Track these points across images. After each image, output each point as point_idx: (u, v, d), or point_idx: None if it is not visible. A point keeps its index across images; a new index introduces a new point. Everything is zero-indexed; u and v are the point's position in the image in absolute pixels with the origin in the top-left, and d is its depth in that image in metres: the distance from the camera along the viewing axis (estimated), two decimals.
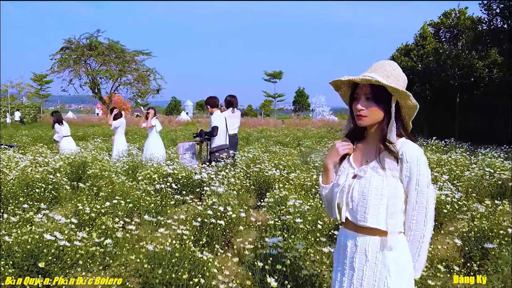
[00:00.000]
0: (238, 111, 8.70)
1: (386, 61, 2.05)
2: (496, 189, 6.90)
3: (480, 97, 21.65)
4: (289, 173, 7.27)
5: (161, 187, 6.30)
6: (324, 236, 4.18)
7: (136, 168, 8.10)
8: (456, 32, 22.66)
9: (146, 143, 10.75)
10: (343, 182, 2.04)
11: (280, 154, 10.63)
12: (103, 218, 4.48)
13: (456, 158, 8.89)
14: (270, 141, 17.75)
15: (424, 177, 1.91)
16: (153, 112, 10.64)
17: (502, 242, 3.50)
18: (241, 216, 4.59)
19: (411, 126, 2.08)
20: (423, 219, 1.92)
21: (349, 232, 2.04)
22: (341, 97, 2.20)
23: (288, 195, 5.15)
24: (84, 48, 32.99)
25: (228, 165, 7.73)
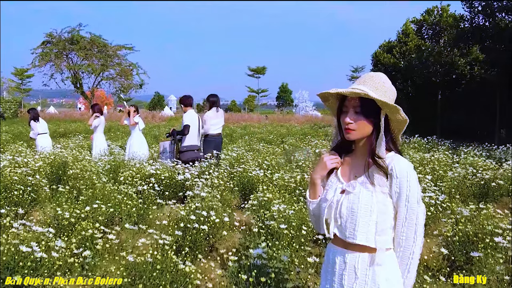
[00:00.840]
0: (222, 111, 8.63)
1: (375, 73, 2.00)
2: (479, 189, 6.95)
3: (462, 94, 21.87)
4: (273, 173, 7.23)
5: (144, 188, 6.20)
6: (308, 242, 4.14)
7: (118, 168, 7.97)
8: (438, 29, 22.83)
9: (129, 142, 10.58)
10: (331, 197, 1.98)
11: (264, 153, 10.59)
12: (83, 223, 4.37)
13: (438, 157, 8.93)
14: (253, 138, 17.70)
15: (414, 193, 1.86)
16: (134, 109, 10.44)
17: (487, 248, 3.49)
18: (224, 220, 4.52)
19: (401, 140, 2.03)
20: (412, 235, 1.88)
21: (337, 248, 1.99)
22: (328, 108, 2.15)
23: (272, 198, 5.09)
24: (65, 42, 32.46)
25: (212, 165, 7.67)
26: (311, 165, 8.40)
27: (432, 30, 23.47)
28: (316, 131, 22.93)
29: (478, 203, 6.58)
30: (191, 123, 8.27)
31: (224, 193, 6.24)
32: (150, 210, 5.36)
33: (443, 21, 22.28)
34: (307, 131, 22.50)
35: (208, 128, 8.29)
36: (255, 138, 17.65)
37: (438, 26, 22.69)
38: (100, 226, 4.40)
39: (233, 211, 5.95)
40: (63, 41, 32.44)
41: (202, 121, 8.41)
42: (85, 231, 4.23)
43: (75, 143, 13.43)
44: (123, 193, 5.41)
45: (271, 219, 4.14)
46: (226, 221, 4.55)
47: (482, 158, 9.27)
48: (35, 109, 11.60)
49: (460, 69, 21.21)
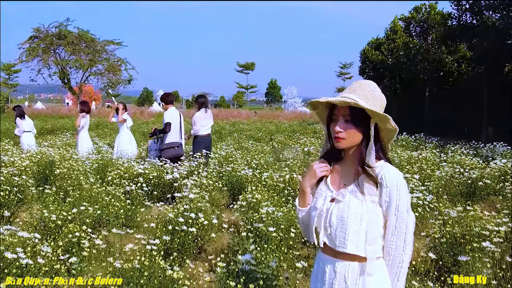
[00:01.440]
0: (210, 111, 8.67)
1: (364, 81, 2.00)
2: (466, 189, 7.01)
3: (449, 91, 22.03)
4: (262, 172, 7.22)
5: (132, 189, 6.16)
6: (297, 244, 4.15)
7: (106, 167, 7.91)
8: (426, 27, 22.94)
9: (117, 139, 10.50)
10: (321, 206, 1.98)
11: (252, 152, 10.57)
12: (70, 226, 4.33)
13: (426, 156, 8.98)
14: (242, 135, 17.69)
15: (404, 202, 1.87)
16: (122, 106, 10.35)
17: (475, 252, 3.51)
18: (213, 222, 4.50)
19: (390, 149, 2.04)
20: (402, 244, 1.88)
21: (327, 257, 1.99)
22: (317, 116, 2.14)
23: (261, 200, 5.08)
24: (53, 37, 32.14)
25: (200, 165, 7.65)
26: (300, 164, 8.41)
27: (420, 27, 23.58)
28: (305, 128, 22.97)
29: (466, 202, 6.65)
30: (172, 121, 8.32)
31: (213, 193, 6.22)
32: (138, 212, 5.32)
33: (431, 18, 22.39)
34: (296, 128, 22.53)
35: (198, 129, 8.32)
36: (244, 135, 17.63)
37: (426, 23, 22.81)
38: (87, 228, 4.36)
39: (222, 211, 5.95)
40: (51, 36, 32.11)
41: (192, 122, 8.44)
42: (72, 234, 4.19)
43: (63, 141, 13.27)
44: (110, 195, 5.36)
45: (259, 222, 4.13)
46: (215, 223, 4.53)
47: (469, 157, 9.34)
48: (21, 106, 11.49)
49: (447, 66, 21.37)
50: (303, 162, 8.65)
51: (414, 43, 23.18)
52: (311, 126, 23.87)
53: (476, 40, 17.28)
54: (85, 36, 32.95)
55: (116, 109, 10.44)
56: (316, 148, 10.77)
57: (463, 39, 18.39)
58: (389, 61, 24.77)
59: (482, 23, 16.44)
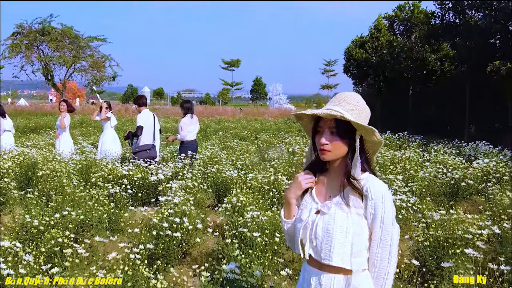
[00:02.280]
0: (196, 117, 8.73)
1: (349, 93, 2.00)
2: (449, 189, 7.08)
3: (432, 90, 22.25)
4: (247, 173, 7.21)
5: (116, 191, 6.10)
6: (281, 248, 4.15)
7: (90, 168, 7.82)
8: (409, 25, 23.11)
9: (101, 139, 10.40)
10: (306, 218, 1.98)
11: (238, 151, 10.57)
12: (52, 231, 4.28)
13: (409, 156, 9.06)
14: (228, 134, 17.66)
15: (389, 215, 1.88)
16: (106, 105, 10.23)
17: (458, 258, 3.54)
18: (198, 227, 4.48)
19: (375, 160, 2.04)
20: (387, 256, 1.89)
21: (312, 269, 1.99)
22: (302, 127, 2.14)
23: (246, 203, 5.07)
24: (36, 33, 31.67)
25: (185, 166, 7.62)
26: (285, 164, 8.43)
27: (404, 26, 23.75)
28: (290, 126, 23.01)
29: (448, 203, 6.73)
30: (145, 124, 8.39)
31: (197, 195, 6.20)
32: (122, 217, 5.27)
33: (414, 17, 22.56)
34: (281, 126, 22.56)
35: (185, 135, 8.38)
36: (229, 134, 17.61)
37: (410, 22, 22.98)
38: (70, 234, 4.31)
39: (207, 213, 5.92)
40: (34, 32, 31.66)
41: (178, 128, 8.50)
42: (54, 239, 4.14)
43: (46, 140, 13.07)
44: (94, 199, 5.30)
45: (244, 226, 4.12)
46: (200, 228, 4.51)
47: (452, 156, 9.44)
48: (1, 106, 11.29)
49: (431, 65, 21.57)
50: (288, 162, 8.67)
51: (397, 42, 23.35)
52: (296, 124, 23.90)
53: (459, 39, 17.46)
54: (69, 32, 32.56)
55: (100, 107, 10.33)
56: (301, 148, 10.79)
57: (446, 38, 18.57)
58: (373, 59, 24.91)
59: (465, 22, 16.61)
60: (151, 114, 8.73)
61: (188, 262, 4.70)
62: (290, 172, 7.98)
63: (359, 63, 25.99)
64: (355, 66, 26.66)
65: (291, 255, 4.50)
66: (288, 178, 7.41)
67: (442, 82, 21.71)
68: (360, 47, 26.46)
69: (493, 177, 7.68)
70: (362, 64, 25.79)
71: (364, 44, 26.23)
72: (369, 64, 25.14)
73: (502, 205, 5.34)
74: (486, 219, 4.64)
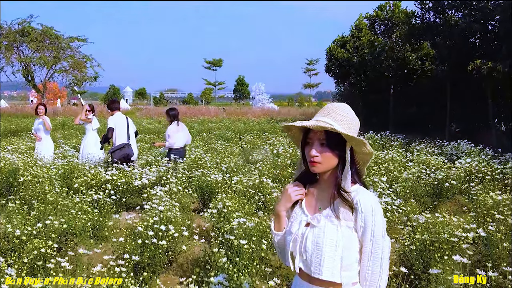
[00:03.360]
0: (183, 124, 8.76)
1: (338, 104, 1.98)
2: (433, 189, 7.14)
3: (413, 89, 22.46)
4: (232, 177, 7.18)
5: (99, 197, 6.01)
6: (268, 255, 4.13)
7: (72, 173, 7.70)
8: (390, 25, 23.27)
9: (83, 142, 10.23)
10: (296, 231, 1.96)
11: (222, 153, 10.52)
12: (35, 241, 4.19)
13: (392, 157, 9.12)
14: (211, 135, 17.59)
15: (380, 228, 1.86)
16: (89, 108, 10.08)
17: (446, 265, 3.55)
18: (184, 234, 4.44)
19: (366, 172, 2.03)
20: (378, 269, 1.87)
21: (303, 282, 1.97)
22: (290, 139, 2.12)
23: (232, 209, 5.04)
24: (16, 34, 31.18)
25: (169, 170, 7.57)
26: (269, 166, 8.42)
27: (385, 25, 23.91)
28: (274, 126, 23.01)
29: (432, 203, 6.79)
30: (116, 125, 8.48)
31: (182, 200, 6.15)
32: (106, 226, 5.20)
33: (395, 17, 22.73)
34: (264, 127, 22.53)
35: (173, 142, 8.37)
36: (213, 135, 17.53)
37: (390, 22, 23.14)
38: (53, 244, 4.23)
39: (192, 218, 5.87)
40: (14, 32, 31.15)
41: (165, 136, 8.49)
42: (37, 250, 4.05)
43: (26, 144, 12.80)
44: (77, 207, 5.21)
45: (231, 233, 4.09)
46: (186, 235, 4.46)
47: (434, 156, 9.52)
48: None
49: (411, 64, 21.77)
50: (273, 165, 8.66)
51: (378, 41, 23.49)
52: (279, 125, 23.92)
53: (439, 38, 17.62)
54: (49, 32, 32.13)
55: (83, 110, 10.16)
56: (285, 149, 10.79)
57: (426, 37, 18.73)
58: (354, 59, 25.06)
59: (445, 21, 16.78)
60: (124, 116, 8.81)
61: (174, 269, 4.66)
62: (275, 174, 7.98)
63: (341, 63, 26.12)
64: (337, 66, 26.78)
65: (278, 261, 4.49)
66: (273, 181, 7.41)
67: (423, 81, 21.93)
68: (342, 46, 26.60)
69: (476, 177, 7.77)
70: (343, 63, 25.93)
71: (345, 44, 26.38)
72: (351, 64, 25.28)
73: (486, 205, 5.40)
74: (471, 221, 4.68)
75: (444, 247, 3.90)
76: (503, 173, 8.09)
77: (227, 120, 29.64)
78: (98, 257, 4.20)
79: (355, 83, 25.82)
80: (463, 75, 15.31)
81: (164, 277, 4.46)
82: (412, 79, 22.65)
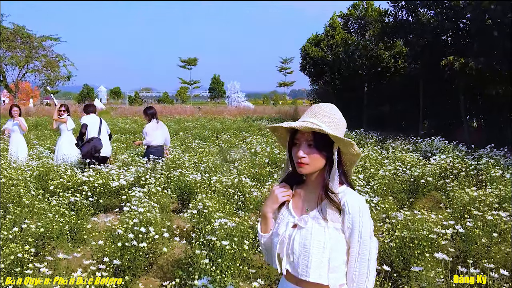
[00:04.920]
0: (161, 122, 8.84)
1: (325, 105, 1.96)
2: (409, 186, 7.25)
3: (387, 87, 22.76)
4: (211, 176, 7.16)
5: (76, 199, 5.91)
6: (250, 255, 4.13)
7: (47, 175, 7.56)
8: (364, 23, 23.53)
9: (58, 143, 10.03)
10: (283, 232, 1.94)
11: (199, 153, 10.47)
12: (11, 246, 4.10)
13: (369, 154, 9.22)
14: (188, 134, 17.50)
15: (367, 229, 1.85)
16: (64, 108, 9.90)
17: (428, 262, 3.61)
18: (164, 236, 4.40)
19: (353, 173, 2.04)
20: (365, 271, 1.87)
21: (290, 285, 1.95)
22: (277, 139, 2.11)
23: (213, 209, 5.02)
24: None
25: (148, 170, 7.50)
26: (248, 165, 8.42)
27: (358, 24, 24.17)
28: (250, 125, 23.01)
29: (409, 200, 6.90)
30: (89, 123, 8.79)
31: (162, 200, 6.10)
32: (84, 229, 5.12)
33: (368, 15, 22.99)
34: (241, 125, 22.50)
35: (150, 140, 8.45)
36: (190, 134, 17.44)
37: (364, 20, 23.40)
38: (30, 248, 4.15)
39: (172, 219, 5.84)
40: None
41: (144, 134, 8.59)
42: (14, 255, 3.97)
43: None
44: (54, 210, 5.11)
45: (212, 234, 4.08)
46: (166, 236, 4.42)
47: (409, 153, 9.67)
48: None
49: (385, 62, 22.05)
50: (251, 163, 8.67)
51: (352, 40, 23.72)
52: (255, 123, 23.94)
53: (412, 36, 17.88)
54: (20, 32, 31.54)
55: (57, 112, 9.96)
56: (262, 148, 10.80)
57: (399, 35, 18.97)
58: (328, 57, 25.24)
59: (418, 20, 17.03)
60: (98, 118, 9.09)
61: (154, 271, 4.62)
62: (254, 173, 7.98)
63: (315, 61, 26.29)
64: (311, 64, 26.95)
65: (260, 261, 4.50)
66: (252, 180, 7.42)
67: (396, 79, 22.25)
68: (316, 45, 26.78)
69: (451, 173, 7.92)
70: (318, 62, 26.10)
71: (319, 42, 26.56)
72: (325, 62, 25.46)
73: (462, 202, 5.51)
74: (449, 217, 4.77)
75: (424, 244, 3.96)
76: (477, 169, 8.27)
77: (203, 119, 29.51)
78: (77, 261, 4.13)
79: (330, 81, 26.03)
80: (435, 72, 15.57)
81: (144, 280, 4.42)
82: (385, 77, 22.95)
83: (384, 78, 23.11)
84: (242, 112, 39.01)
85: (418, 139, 13.15)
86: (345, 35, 24.82)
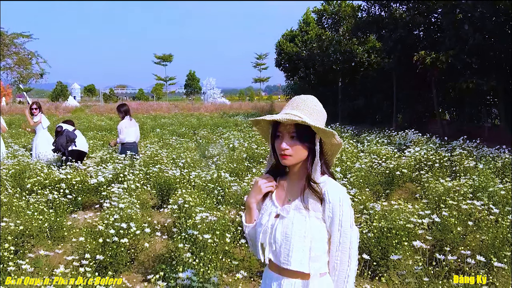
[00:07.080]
0: (134, 120, 8.91)
1: (306, 96, 1.99)
2: (385, 178, 7.39)
3: (361, 81, 23.04)
4: (190, 172, 7.17)
5: (54, 197, 5.85)
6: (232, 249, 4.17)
7: (23, 173, 7.46)
8: (337, 19, 23.74)
9: (34, 141, 9.89)
10: (266, 222, 1.97)
11: (178, 149, 10.45)
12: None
13: (345, 148, 9.33)
14: (165, 131, 17.41)
15: (347, 218, 1.89)
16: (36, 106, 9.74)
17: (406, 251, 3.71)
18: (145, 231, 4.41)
19: (334, 163, 2.08)
20: (347, 259, 1.91)
21: (273, 274, 1.99)
22: (259, 132, 2.14)
23: (193, 203, 5.05)
24: None
25: (126, 167, 7.46)
26: (226, 160, 8.46)
27: (332, 19, 24.36)
28: (227, 120, 23.00)
29: (385, 191, 7.04)
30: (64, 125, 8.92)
31: (141, 197, 6.10)
32: (65, 226, 5.09)
33: (342, 11, 23.20)
34: (218, 121, 22.47)
35: (124, 137, 8.51)
36: (167, 131, 17.35)
37: (337, 15, 23.60)
38: (10, 246, 4.11)
39: (152, 215, 5.84)
40: None
41: (118, 131, 8.63)
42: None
43: None
44: (33, 208, 5.06)
45: (194, 229, 4.10)
46: (147, 232, 4.43)
47: (384, 146, 9.84)
48: None
49: (358, 57, 22.31)
50: (229, 158, 8.70)
51: (326, 35, 23.90)
52: (232, 119, 23.93)
53: (385, 31, 18.12)
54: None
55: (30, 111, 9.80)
56: (240, 143, 10.84)
57: (372, 30, 19.20)
58: (303, 53, 25.40)
59: (390, 15, 17.28)
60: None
61: (136, 267, 4.63)
62: (232, 168, 8.02)
63: (290, 57, 26.43)
64: (286, 60, 27.09)
65: (241, 254, 4.55)
66: (231, 175, 7.46)
67: (370, 74, 22.53)
68: (290, 41, 26.92)
69: (425, 165, 8.10)
70: (292, 57, 26.24)
71: (294, 38, 26.70)
72: (300, 58, 25.62)
73: (437, 192, 5.65)
74: (425, 208, 4.90)
75: (401, 234, 4.07)
76: (451, 160, 8.47)
77: (180, 115, 29.36)
78: (58, 258, 4.11)
79: (304, 77, 26.24)
80: (408, 66, 15.81)
81: (126, 275, 4.42)
82: (359, 71, 23.24)
83: (358, 73, 23.39)
84: (219, 108, 38.96)
85: (393, 132, 13.36)
86: (319, 30, 25.00)
